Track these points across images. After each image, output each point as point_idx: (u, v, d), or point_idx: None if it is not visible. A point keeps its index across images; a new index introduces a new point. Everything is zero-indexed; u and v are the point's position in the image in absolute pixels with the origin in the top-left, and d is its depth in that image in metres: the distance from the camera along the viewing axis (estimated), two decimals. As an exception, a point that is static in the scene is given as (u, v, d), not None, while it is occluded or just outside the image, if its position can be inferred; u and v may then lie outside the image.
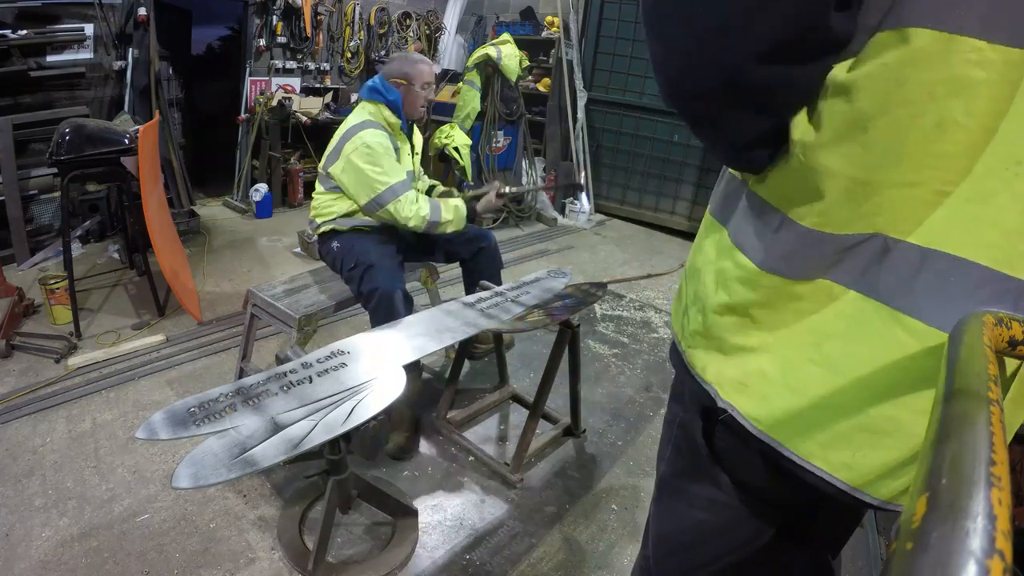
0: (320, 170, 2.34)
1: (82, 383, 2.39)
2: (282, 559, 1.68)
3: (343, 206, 2.29)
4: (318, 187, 2.37)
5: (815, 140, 0.57)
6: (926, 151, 0.52)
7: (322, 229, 2.37)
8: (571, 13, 5.15)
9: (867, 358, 0.59)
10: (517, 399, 2.51)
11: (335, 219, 2.32)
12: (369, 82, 2.30)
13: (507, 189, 2.37)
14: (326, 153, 2.30)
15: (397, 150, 2.29)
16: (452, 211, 2.22)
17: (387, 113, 2.25)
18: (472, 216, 2.24)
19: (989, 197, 0.52)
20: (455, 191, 2.60)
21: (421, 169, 2.65)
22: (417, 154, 2.49)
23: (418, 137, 2.52)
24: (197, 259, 3.72)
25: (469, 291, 2.56)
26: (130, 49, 3.90)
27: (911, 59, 0.50)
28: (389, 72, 2.28)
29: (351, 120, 2.28)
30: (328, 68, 5.25)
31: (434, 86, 2.34)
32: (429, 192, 2.58)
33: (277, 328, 2.31)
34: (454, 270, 3.12)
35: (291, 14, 4.85)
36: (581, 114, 5.26)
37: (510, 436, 2.33)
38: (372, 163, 2.16)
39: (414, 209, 2.20)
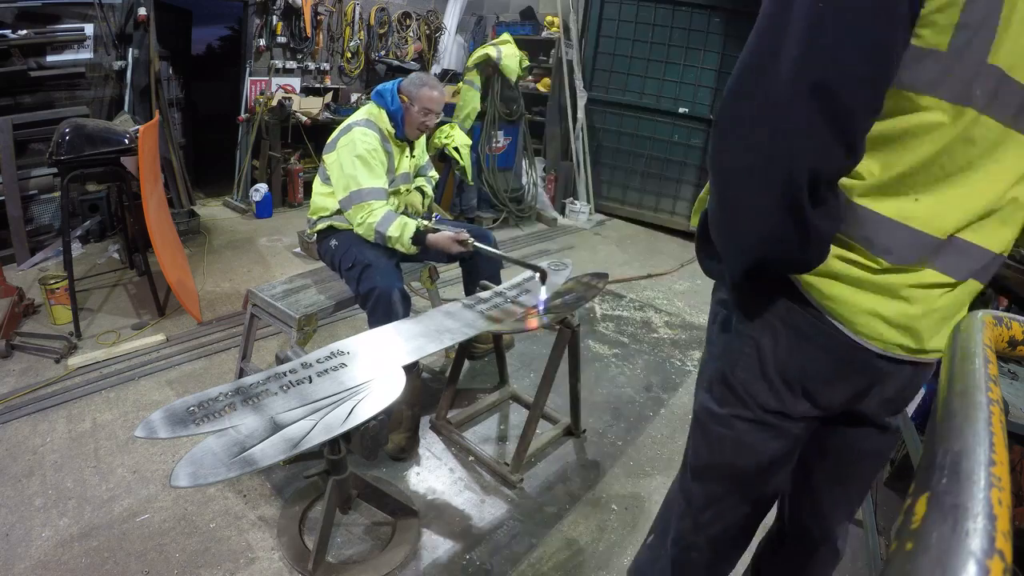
0: (321, 162, 2.39)
1: (82, 383, 2.39)
2: (282, 559, 1.67)
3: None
4: (317, 182, 2.40)
5: None
6: None
7: (319, 227, 2.38)
8: (571, 13, 5.15)
9: None
10: (517, 399, 2.50)
11: (331, 215, 2.34)
12: (381, 86, 2.36)
13: (470, 241, 2.24)
14: (327, 143, 2.35)
15: (389, 154, 2.32)
16: (399, 228, 2.17)
17: (385, 119, 2.31)
18: (420, 242, 2.19)
19: None
20: (434, 213, 2.59)
21: (431, 165, 2.67)
22: (415, 156, 2.50)
23: (421, 141, 2.55)
24: (197, 259, 3.72)
25: (469, 291, 2.56)
26: (130, 49, 3.90)
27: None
28: (402, 84, 2.33)
29: (353, 116, 2.34)
30: (328, 68, 5.25)
31: (436, 115, 2.34)
32: (423, 196, 2.59)
33: (277, 328, 2.31)
34: (454, 270, 3.12)
35: (291, 14, 4.85)
36: (581, 114, 5.25)
37: (510, 436, 2.33)
38: (353, 161, 2.19)
39: (364, 215, 2.20)
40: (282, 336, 2.85)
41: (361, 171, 2.19)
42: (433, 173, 2.69)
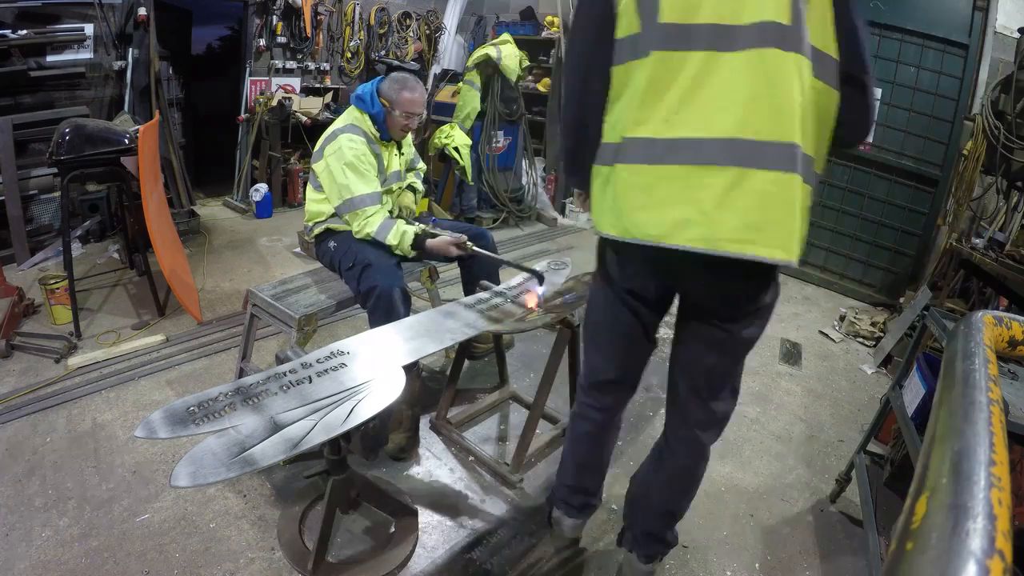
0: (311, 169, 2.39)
1: (82, 383, 2.39)
2: (282, 559, 1.67)
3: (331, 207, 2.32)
4: (309, 188, 2.41)
5: None
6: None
7: (316, 231, 2.38)
8: (571, 13, 5.15)
9: None
10: (517, 399, 2.50)
11: (327, 219, 2.35)
12: (360, 89, 2.33)
13: (470, 247, 2.28)
14: (314, 150, 2.35)
15: (378, 156, 2.32)
16: (399, 237, 2.21)
17: (369, 122, 2.31)
18: (419, 249, 2.23)
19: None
20: (432, 216, 2.62)
21: (418, 158, 2.68)
22: (403, 153, 2.50)
23: (408, 137, 2.53)
24: (197, 259, 3.72)
25: (468, 290, 2.56)
26: (130, 49, 3.90)
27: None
28: (381, 88, 2.31)
29: (337, 122, 2.33)
30: (328, 68, 5.25)
31: (417, 116, 2.33)
32: (414, 193, 2.61)
33: (277, 328, 2.31)
34: (453, 270, 3.11)
35: (291, 14, 4.85)
36: (581, 114, 5.25)
37: (510, 436, 2.33)
38: (343, 170, 2.20)
39: (360, 224, 2.23)
40: (282, 336, 2.85)
41: (352, 178, 2.20)
42: (421, 165, 2.69)
